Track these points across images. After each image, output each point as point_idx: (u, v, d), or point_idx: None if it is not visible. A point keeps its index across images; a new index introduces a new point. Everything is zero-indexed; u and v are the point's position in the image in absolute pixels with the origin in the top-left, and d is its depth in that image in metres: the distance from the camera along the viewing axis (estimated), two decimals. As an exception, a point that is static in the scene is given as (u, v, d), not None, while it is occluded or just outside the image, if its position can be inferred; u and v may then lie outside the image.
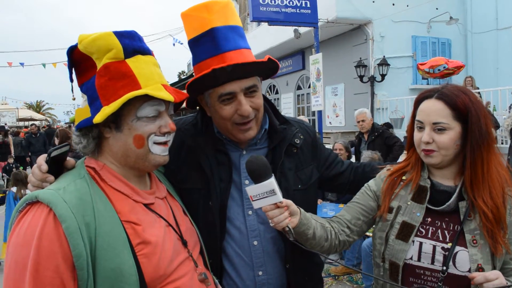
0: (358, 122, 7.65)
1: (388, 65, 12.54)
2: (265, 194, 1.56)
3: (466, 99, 1.62)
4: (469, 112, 1.61)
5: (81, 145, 1.48)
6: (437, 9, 13.17)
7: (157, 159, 1.53)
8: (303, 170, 1.94)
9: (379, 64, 12.57)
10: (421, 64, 11.06)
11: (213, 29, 1.69)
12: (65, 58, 1.50)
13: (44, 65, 19.48)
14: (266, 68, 1.78)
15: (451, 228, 1.67)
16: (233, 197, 1.83)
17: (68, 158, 1.51)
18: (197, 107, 1.94)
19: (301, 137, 1.96)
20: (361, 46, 13.38)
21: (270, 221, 1.59)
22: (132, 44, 1.46)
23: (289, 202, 1.62)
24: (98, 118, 1.38)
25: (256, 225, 1.82)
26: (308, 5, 11.19)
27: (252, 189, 1.58)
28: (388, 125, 10.25)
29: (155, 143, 1.50)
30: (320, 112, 11.24)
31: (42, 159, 1.43)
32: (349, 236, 1.85)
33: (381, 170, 1.96)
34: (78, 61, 1.48)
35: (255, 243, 1.80)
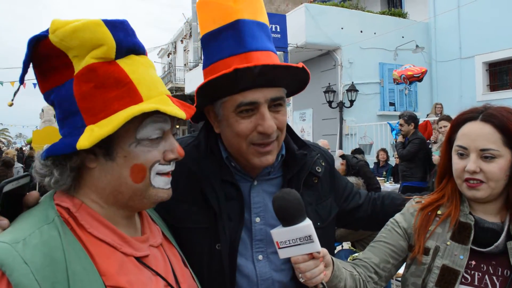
0: None
1: (357, 91, 12.62)
2: (298, 241, 1.22)
3: None
4: None
5: (52, 179, 1.05)
6: (403, 37, 13.48)
7: (159, 195, 1.15)
8: (322, 204, 1.61)
9: (347, 90, 12.64)
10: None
11: (239, 21, 1.37)
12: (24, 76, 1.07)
13: (1, 83, 18.51)
14: (297, 79, 1.47)
15: (499, 274, 1.39)
16: (242, 238, 1.47)
17: (29, 193, 1.08)
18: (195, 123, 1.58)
19: (323, 164, 1.63)
20: (330, 71, 13.43)
21: (300, 275, 1.25)
22: (127, 40, 1.06)
23: (325, 251, 1.29)
24: (86, 142, 0.98)
25: (269, 272, 1.46)
26: (278, 30, 11.16)
27: (280, 234, 1.23)
28: (358, 151, 10.14)
29: (158, 173, 1.12)
30: (289, 137, 11.09)
31: None
32: (376, 283, 1.55)
33: (406, 202, 1.68)
34: (44, 57, 1.06)
35: None
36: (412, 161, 7.64)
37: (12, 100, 1.26)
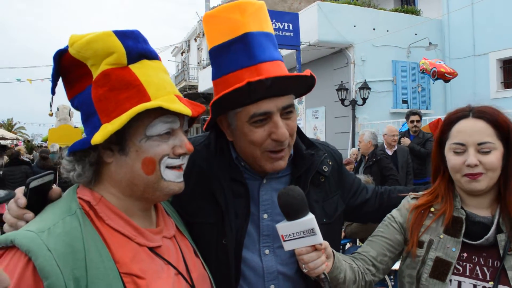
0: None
1: (369, 88, 12.61)
2: (302, 234, 1.32)
3: (505, 117, 1.49)
4: (510, 130, 1.47)
5: (75, 173, 1.19)
6: (416, 34, 13.41)
7: (171, 187, 1.26)
8: (328, 201, 1.69)
9: (360, 88, 12.62)
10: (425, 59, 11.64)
11: (247, 35, 1.42)
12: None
13: (19, 79, 18.96)
14: (304, 85, 1.55)
15: (490, 265, 1.48)
16: (249, 233, 1.56)
17: (54, 187, 1.23)
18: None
19: (330, 163, 1.70)
20: (342, 69, 13.44)
21: (304, 266, 1.35)
22: (137, 46, 1.20)
23: (326, 243, 1.39)
24: (98, 138, 1.12)
25: (275, 266, 1.55)
26: (291, 28, 11.22)
27: (285, 227, 1.34)
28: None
29: (167, 167, 1.24)
30: (302, 134, 11.14)
31: (20, 191, 1.15)
32: (374, 275, 1.64)
33: (404, 198, 1.77)
34: (69, 68, 1.22)
35: (272, 287, 1.54)
36: (426, 159, 7.73)
37: (50, 110, 1.43)
